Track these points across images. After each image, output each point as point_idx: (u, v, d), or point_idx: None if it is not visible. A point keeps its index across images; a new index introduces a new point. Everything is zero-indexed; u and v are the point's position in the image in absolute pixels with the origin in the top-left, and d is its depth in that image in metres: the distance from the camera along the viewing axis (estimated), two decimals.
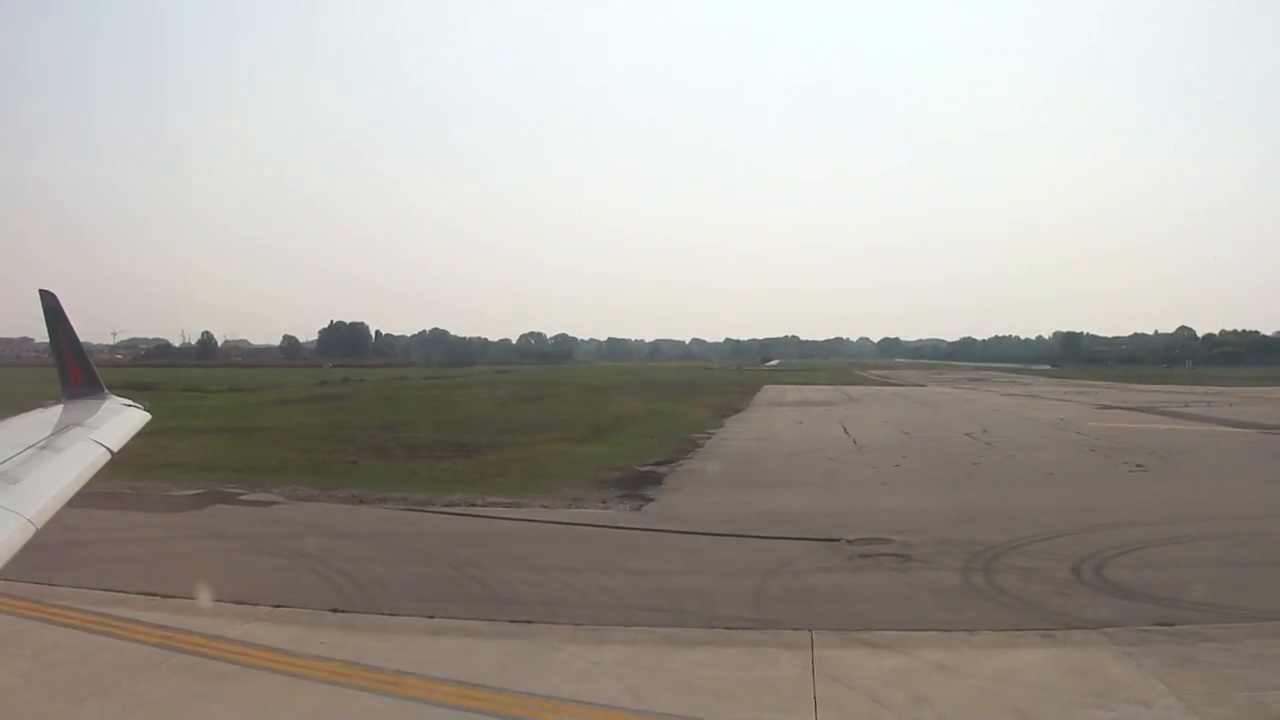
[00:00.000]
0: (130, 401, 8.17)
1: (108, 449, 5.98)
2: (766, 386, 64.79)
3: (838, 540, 12.36)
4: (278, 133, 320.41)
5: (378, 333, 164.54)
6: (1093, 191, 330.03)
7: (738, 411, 37.99)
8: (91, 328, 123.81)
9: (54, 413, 7.11)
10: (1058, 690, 7.08)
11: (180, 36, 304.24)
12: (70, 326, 8.13)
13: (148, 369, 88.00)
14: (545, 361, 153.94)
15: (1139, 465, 19.99)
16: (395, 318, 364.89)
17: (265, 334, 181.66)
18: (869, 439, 26.18)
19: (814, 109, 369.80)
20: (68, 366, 8.13)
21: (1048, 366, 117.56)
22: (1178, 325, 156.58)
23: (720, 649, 8.23)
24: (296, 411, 37.68)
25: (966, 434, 27.43)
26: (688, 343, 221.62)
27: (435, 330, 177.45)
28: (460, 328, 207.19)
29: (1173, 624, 8.53)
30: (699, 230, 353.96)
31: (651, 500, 16.11)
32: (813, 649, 8.06)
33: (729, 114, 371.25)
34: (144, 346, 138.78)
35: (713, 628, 8.81)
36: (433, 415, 34.85)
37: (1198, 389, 57.78)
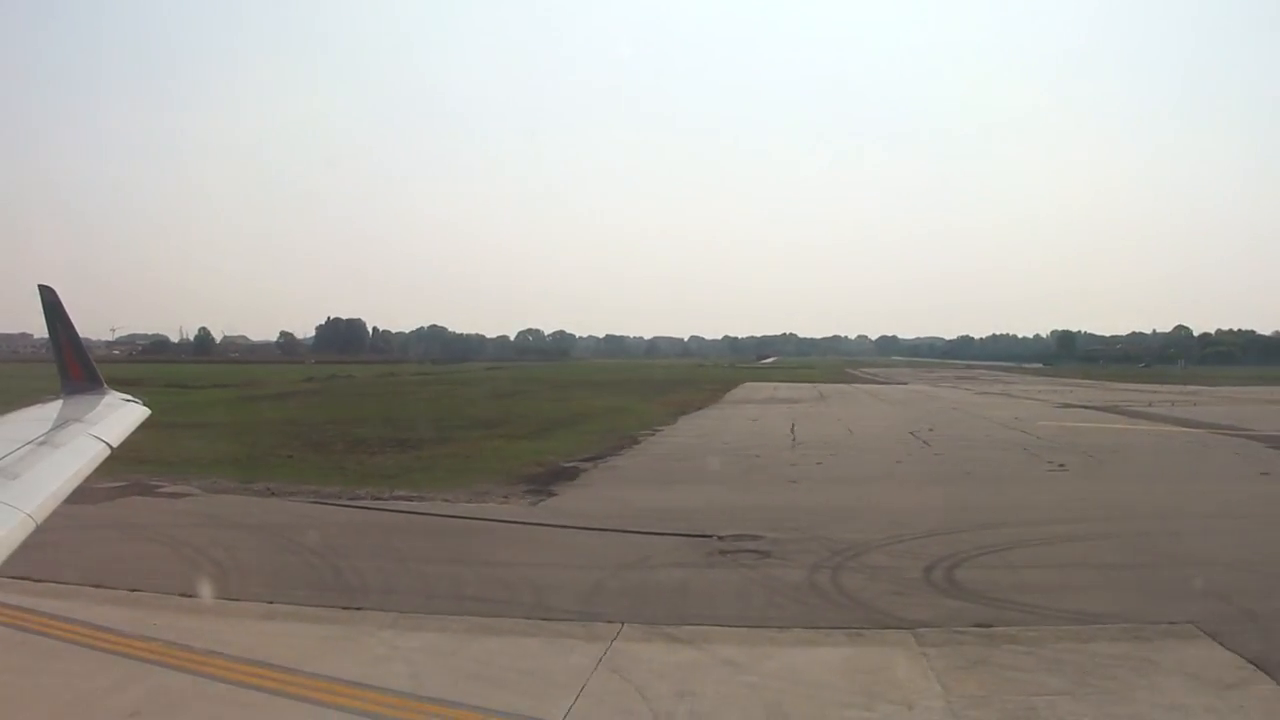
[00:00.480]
0: (129, 397, 8.20)
1: (107, 444, 6.04)
2: (746, 384, 64.98)
3: (710, 537, 12.56)
4: (278, 129, 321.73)
5: (375, 329, 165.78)
6: (1091, 190, 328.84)
7: (700, 409, 38.23)
8: (91, 323, 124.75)
9: (53, 408, 7.15)
10: (830, 688, 7.20)
11: (180, 34, 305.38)
12: (69, 322, 8.15)
13: (143, 365, 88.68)
14: (541, 358, 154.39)
15: (1061, 465, 20.12)
16: (395, 314, 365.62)
17: (265, 330, 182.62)
18: (810, 437, 26.38)
19: (813, 106, 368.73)
20: (67, 362, 8.15)
21: (1040, 365, 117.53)
22: (1175, 324, 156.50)
23: (521, 639, 8.46)
24: (264, 407, 38.05)
25: (911, 432, 27.60)
26: (686, 340, 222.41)
27: (434, 327, 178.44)
28: (459, 324, 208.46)
29: (991, 625, 8.59)
30: (698, 228, 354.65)
31: (554, 495, 16.39)
32: (613, 641, 8.28)
33: (729, 111, 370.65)
34: (141, 343, 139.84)
35: (528, 618, 9.02)
36: (393, 411, 35.18)
37: (1176, 388, 57.79)
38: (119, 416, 7.16)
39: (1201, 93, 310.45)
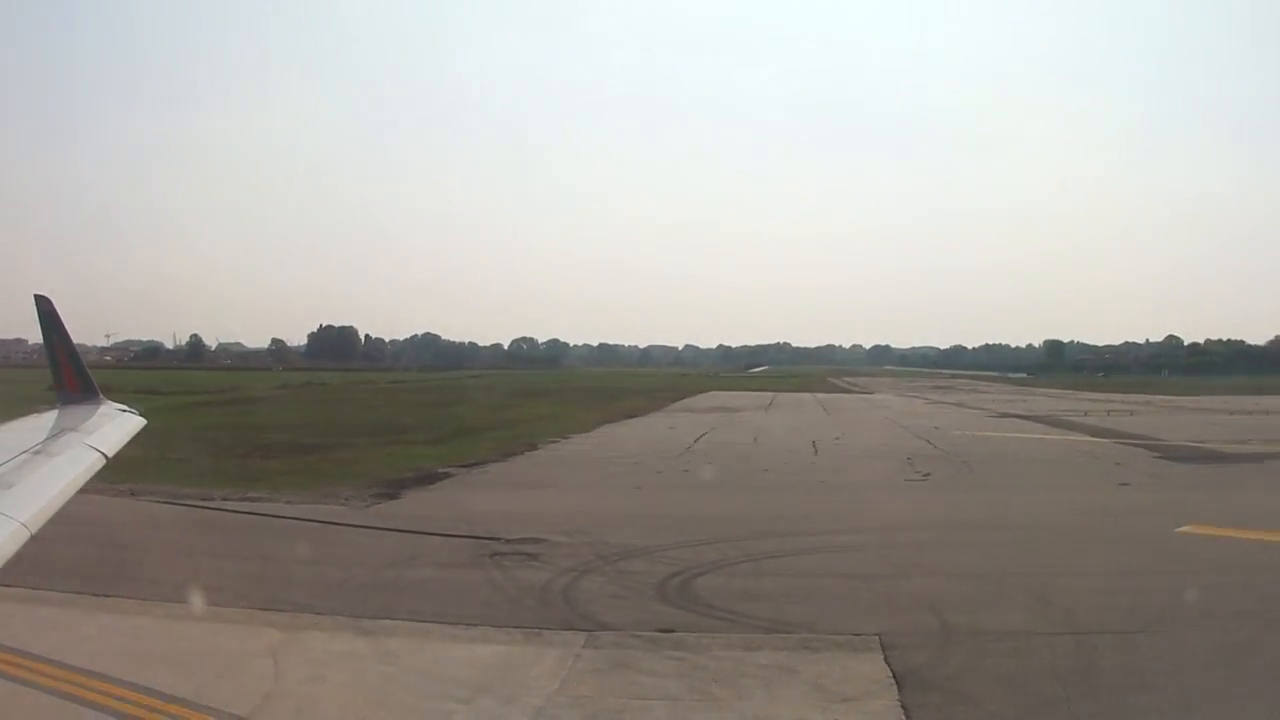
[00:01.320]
0: (125, 407, 8.21)
1: (103, 454, 6.01)
2: (710, 393, 65.49)
3: (498, 539, 12.96)
4: (272, 135, 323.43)
5: (367, 336, 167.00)
6: (1086, 202, 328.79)
7: (631, 417, 38.63)
8: (86, 330, 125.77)
9: (49, 418, 7.18)
10: (451, 682, 7.55)
11: (175, 40, 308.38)
12: (65, 331, 8.18)
13: (131, 372, 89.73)
14: (531, 367, 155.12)
15: (926, 475, 20.28)
16: (392, 322, 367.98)
17: (261, 337, 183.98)
18: (708, 445, 26.80)
19: (809, 114, 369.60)
20: (62, 371, 8.15)
21: (1024, 375, 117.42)
22: (1167, 335, 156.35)
23: (218, 624, 9.01)
24: (200, 414, 38.67)
25: (814, 441, 27.93)
26: (680, 349, 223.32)
27: (427, 334, 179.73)
28: (456, 333, 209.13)
29: (674, 631, 8.81)
30: (694, 236, 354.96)
31: (396, 499, 16.85)
32: (302, 630, 8.78)
33: (726, 118, 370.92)
34: (135, 349, 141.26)
35: (239, 607, 9.55)
36: (323, 418, 35.76)
37: (1138, 398, 58.38)
38: (115, 426, 7.16)
39: (1201, 99, 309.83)
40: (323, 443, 25.94)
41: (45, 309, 8.02)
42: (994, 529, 13.97)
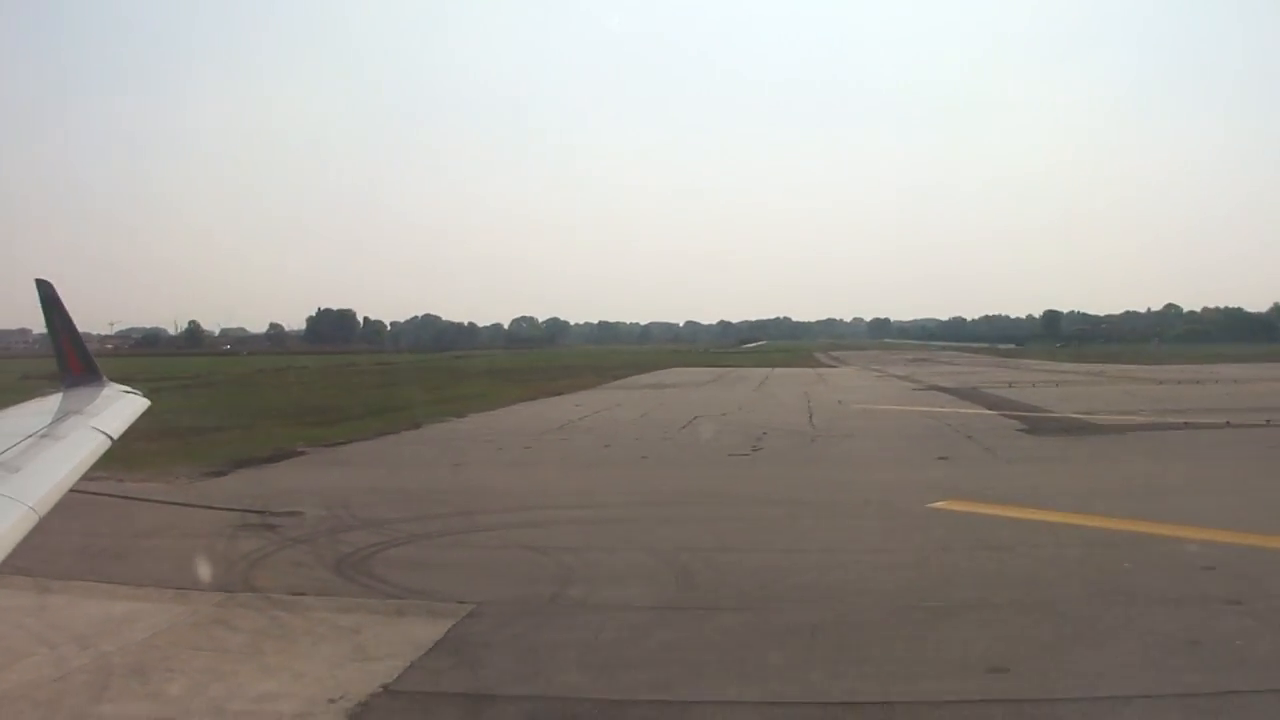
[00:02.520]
0: (129, 389, 8.30)
1: (108, 436, 6.05)
2: (675, 369, 66.38)
3: (262, 513, 13.86)
4: (273, 120, 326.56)
5: (365, 319, 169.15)
6: (1086, 171, 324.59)
7: (558, 395, 39.43)
8: (91, 318, 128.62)
9: (53, 401, 7.21)
10: (57, 630, 8.36)
11: (178, 27, 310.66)
12: (67, 315, 8.21)
13: (130, 359, 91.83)
14: (529, 346, 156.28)
15: (758, 450, 20.65)
16: (393, 304, 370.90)
17: (263, 322, 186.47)
18: (591, 422, 27.54)
19: (808, 88, 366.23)
20: (66, 355, 8.20)
21: (1011, 346, 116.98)
22: (1166, 303, 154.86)
23: None
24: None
25: (695, 416, 28.53)
26: (681, 325, 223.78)
27: (427, 316, 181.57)
28: (456, 313, 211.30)
29: (304, 594, 9.47)
30: (695, 212, 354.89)
31: (222, 477, 17.82)
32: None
33: (724, 92, 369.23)
34: (137, 336, 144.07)
35: None
36: (249, 402, 36.95)
37: (1089, 368, 58.75)
38: (119, 408, 7.21)
39: (1204, 68, 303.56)
40: (221, 425, 26.98)
41: (47, 293, 8.14)
42: (754, 504, 14.34)
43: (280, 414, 30.43)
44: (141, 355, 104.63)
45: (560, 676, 7.20)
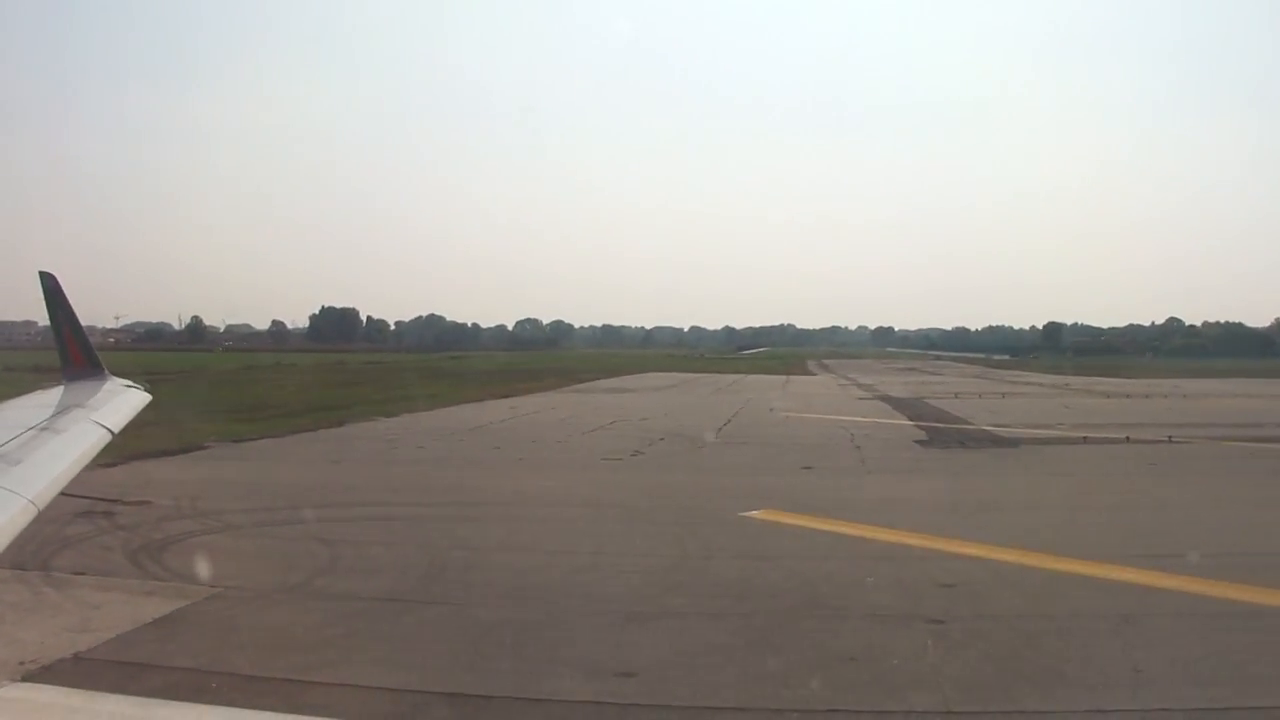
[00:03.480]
0: (130, 383, 8.31)
1: (109, 430, 6.03)
2: (650, 374, 67.08)
3: (115, 501, 14.65)
4: (281, 117, 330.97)
5: (369, 318, 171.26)
6: (1090, 183, 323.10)
7: (511, 397, 40.16)
8: (97, 312, 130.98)
9: (54, 394, 7.19)
10: None
11: (178, 21, 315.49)
12: (70, 308, 8.20)
13: (131, 353, 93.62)
14: (531, 348, 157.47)
15: (637, 453, 21.04)
16: (400, 304, 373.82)
17: (268, 319, 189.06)
18: (512, 424, 28.28)
19: (817, 99, 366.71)
20: (68, 348, 8.20)
21: (1006, 357, 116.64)
22: (1169, 316, 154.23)
23: None
24: None
25: (616, 420, 29.20)
26: (686, 330, 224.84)
27: (432, 316, 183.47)
28: (462, 314, 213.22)
29: (84, 573, 10.21)
30: (701, 217, 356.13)
31: (112, 468, 18.60)
32: None
33: (731, 97, 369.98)
34: (140, 331, 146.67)
35: None
36: (207, 396, 37.95)
37: (1058, 379, 59.12)
38: (120, 402, 7.21)
39: (1204, 80, 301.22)
40: (155, 420, 27.84)
41: (50, 285, 8.17)
42: (574, 506, 14.82)
43: (220, 409, 31.31)
44: (142, 350, 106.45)
45: (225, 654, 7.83)
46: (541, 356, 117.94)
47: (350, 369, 70.45)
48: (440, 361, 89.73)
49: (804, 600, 9.56)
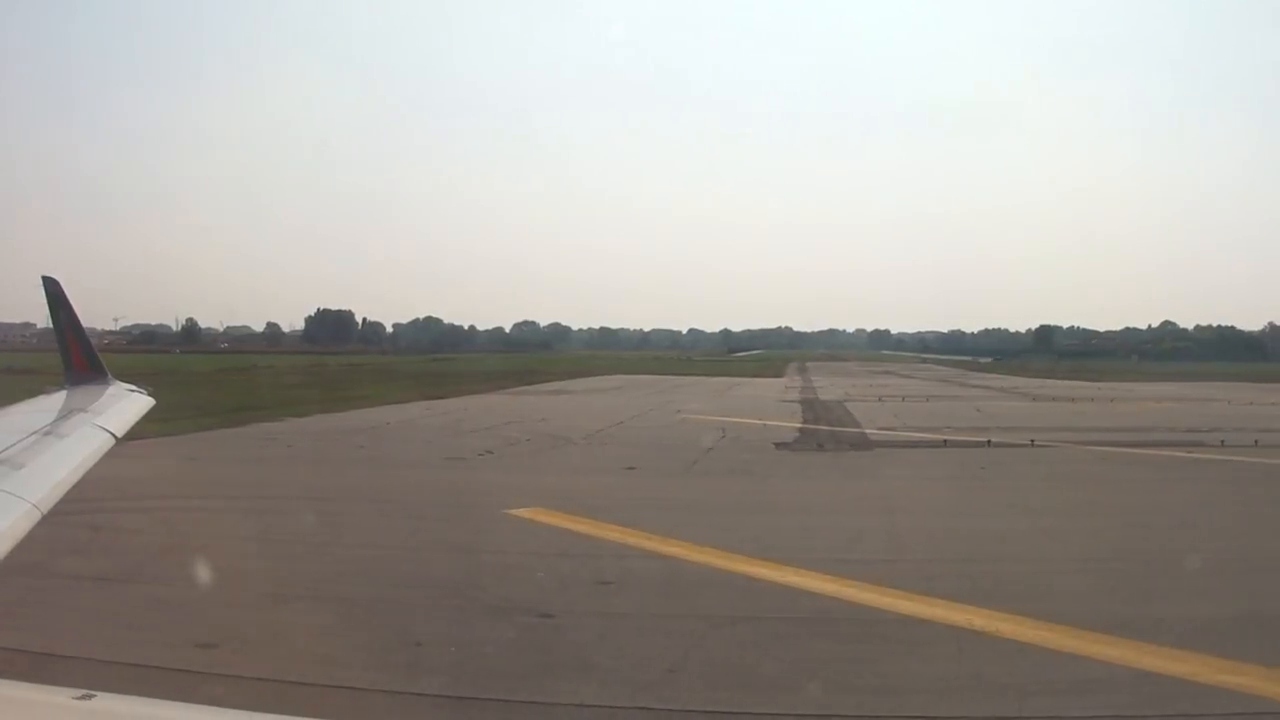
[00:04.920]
0: (134, 387, 8.36)
1: (112, 434, 6.05)
2: (613, 376, 68.22)
3: None
4: (278, 120, 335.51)
5: (364, 320, 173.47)
6: (1087, 186, 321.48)
7: (445, 398, 41.02)
8: (95, 314, 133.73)
9: (57, 399, 7.22)
10: None
11: (182, 25, 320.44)
12: (73, 312, 8.29)
13: (124, 355, 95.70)
14: (526, 350, 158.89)
15: (486, 453, 21.96)
16: (398, 306, 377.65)
17: (266, 321, 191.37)
18: (401, 427, 29.33)
19: (815, 101, 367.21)
20: (71, 352, 8.22)
21: (988, 359, 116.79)
22: (1163, 320, 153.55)
23: None
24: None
25: (508, 422, 30.10)
26: (684, 333, 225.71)
27: (429, 318, 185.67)
28: (459, 316, 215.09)
29: None
30: (699, 221, 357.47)
31: None
32: None
33: (728, 99, 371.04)
34: (137, 332, 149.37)
35: None
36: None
37: (1017, 382, 60.46)
38: (123, 406, 7.27)
39: (1201, 86, 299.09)
40: None
41: (53, 290, 8.23)
42: (367, 502, 15.65)
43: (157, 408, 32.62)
44: (134, 352, 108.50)
45: None
46: (529, 359, 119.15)
47: (324, 371, 71.86)
48: (421, 364, 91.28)
49: (457, 588, 10.36)
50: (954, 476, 19.57)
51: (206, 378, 59.69)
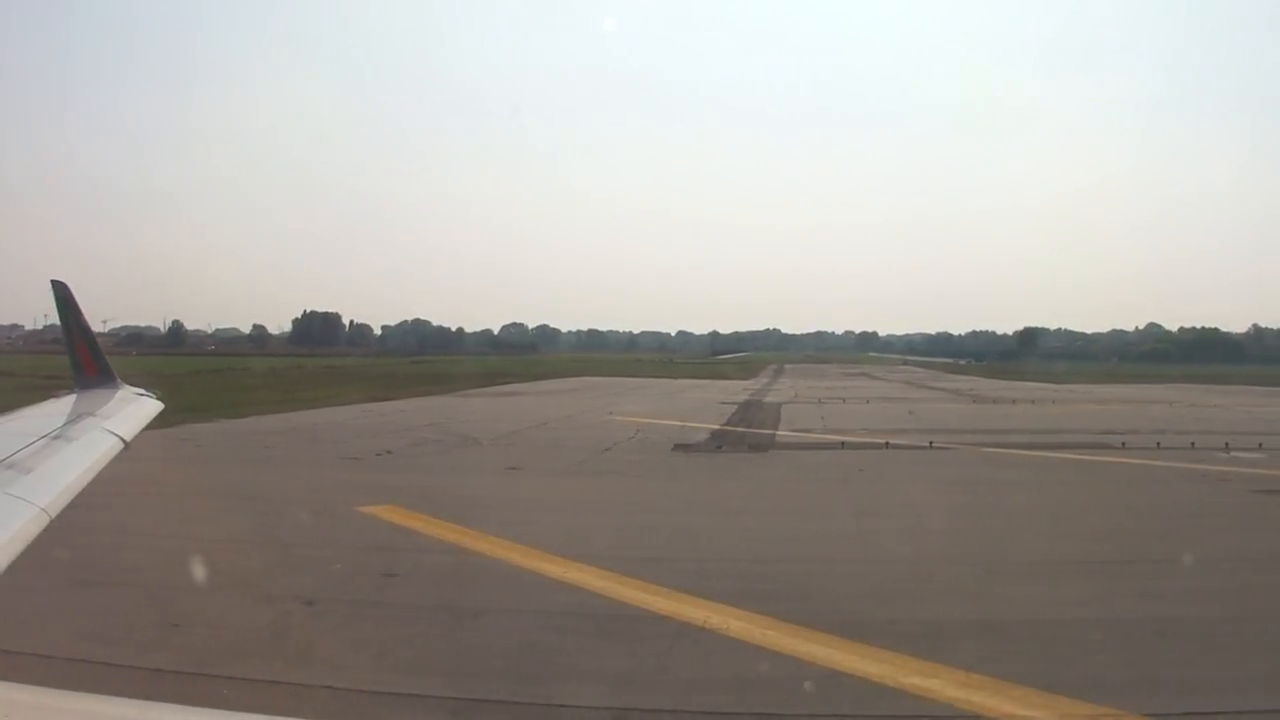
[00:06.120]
0: (143, 391, 8.38)
1: (121, 438, 6.08)
2: (580, 378, 69.05)
3: None
4: (267, 121, 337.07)
5: (351, 322, 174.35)
6: (1075, 189, 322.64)
7: (393, 400, 41.95)
8: (86, 315, 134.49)
9: (67, 403, 7.27)
10: None
11: (172, 25, 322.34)
12: (82, 316, 8.34)
13: (112, 357, 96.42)
14: (514, 352, 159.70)
15: (385, 453, 22.65)
16: (386, 308, 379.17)
17: (253, 323, 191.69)
18: (325, 428, 29.96)
19: (801, 103, 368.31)
20: (80, 356, 8.26)
21: (965, 361, 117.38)
22: (1149, 322, 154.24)
23: None
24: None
25: (431, 423, 30.80)
26: (672, 334, 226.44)
27: (417, 320, 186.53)
28: (448, 319, 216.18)
29: None
30: (687, 223, 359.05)
31: None
32: None
33: (718, 99, 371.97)
34: (123, 334, 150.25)
35: None
36: None
37: (980, 383, 60.56)
38: (132, 410, 7.28)
39: (1191, 89, 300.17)
40: None
41: (62, 294, 8.23)
42: (235, 499, 16.25)
43: None
44: (120, 354, 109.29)
45: None
46: (511, 361, 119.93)
47: (294, 374, 72.69)
48: (400, 366, 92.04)
49: (249, 577, 11.02)
50: (822, 479, 20.06)
51: (174, 380, 60.43)
